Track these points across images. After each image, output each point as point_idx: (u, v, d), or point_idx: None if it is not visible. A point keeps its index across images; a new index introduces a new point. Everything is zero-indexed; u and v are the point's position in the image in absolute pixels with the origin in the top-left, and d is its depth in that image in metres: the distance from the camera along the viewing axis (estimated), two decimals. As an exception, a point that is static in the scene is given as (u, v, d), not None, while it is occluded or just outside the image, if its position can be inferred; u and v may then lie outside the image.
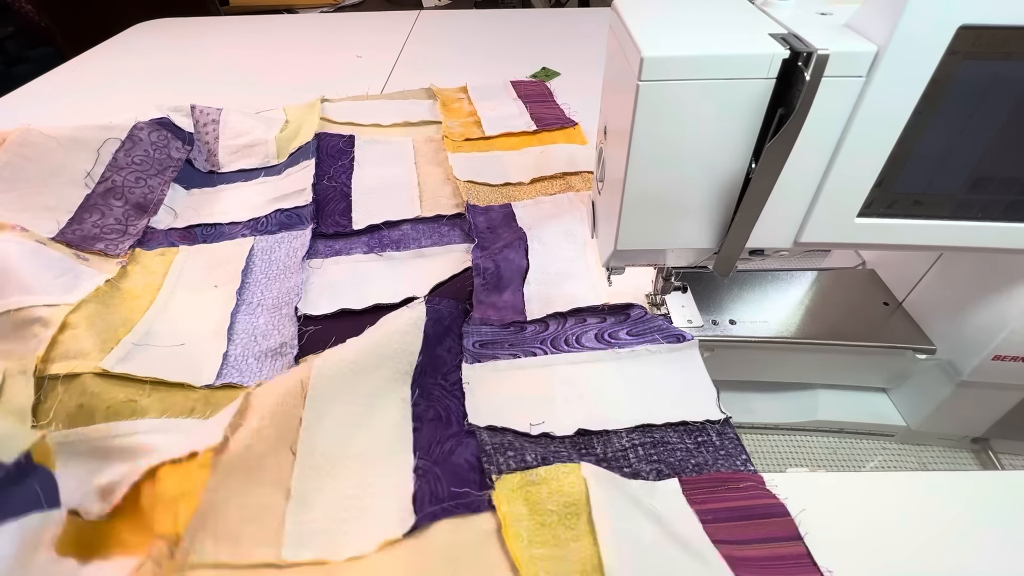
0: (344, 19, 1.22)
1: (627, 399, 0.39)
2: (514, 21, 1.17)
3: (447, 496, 0.32)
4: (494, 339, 0.43)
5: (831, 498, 0.34)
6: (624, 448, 0.36)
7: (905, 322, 0.46)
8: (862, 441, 0.49)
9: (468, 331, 0.43)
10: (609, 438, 0.37)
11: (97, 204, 0.53)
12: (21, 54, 1.74)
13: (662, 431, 0.37)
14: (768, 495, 0.33)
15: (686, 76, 0.28)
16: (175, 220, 0.57)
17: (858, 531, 0.32)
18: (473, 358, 0.42)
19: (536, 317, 0.45)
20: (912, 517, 0.32)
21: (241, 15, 1.27)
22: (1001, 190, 0.31)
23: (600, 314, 0.45)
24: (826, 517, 0.32)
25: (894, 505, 0.33)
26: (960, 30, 0.25)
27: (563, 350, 0.42)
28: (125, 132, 0.58)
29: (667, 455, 0.36)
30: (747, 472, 0.34)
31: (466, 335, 0.43)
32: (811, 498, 0.34)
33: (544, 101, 0.77)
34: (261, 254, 0.53)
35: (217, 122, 0.67)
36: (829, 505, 0.33)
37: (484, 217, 0.56)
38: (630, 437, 0.37)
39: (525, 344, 0.43)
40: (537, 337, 0.44)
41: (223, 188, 0.63)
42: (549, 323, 0.45)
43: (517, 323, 0.44)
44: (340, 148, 0.66)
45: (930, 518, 0.33)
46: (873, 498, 0.34)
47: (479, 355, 0.42)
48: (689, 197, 0.33)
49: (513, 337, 0.43)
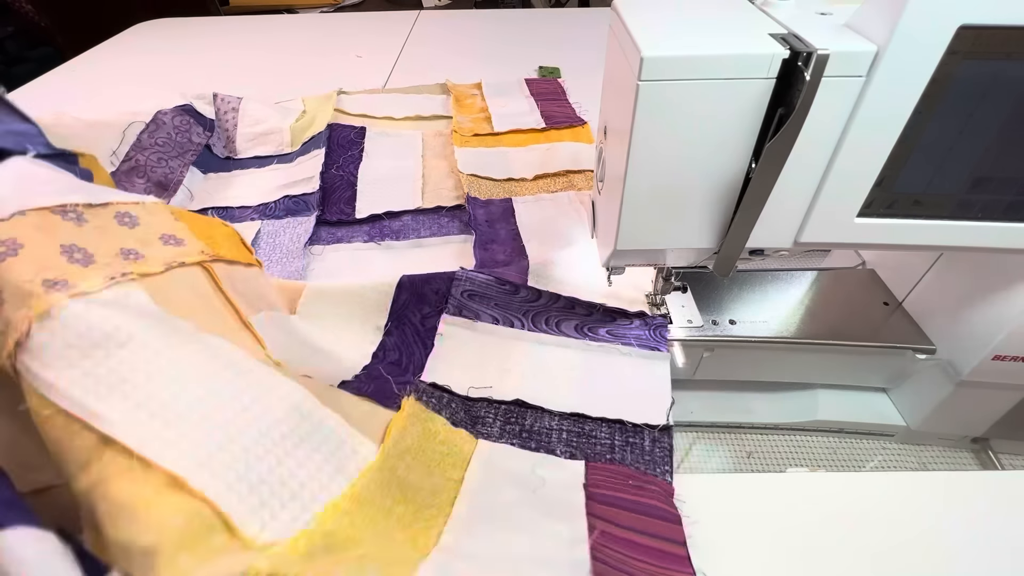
0: (344, 19, 1.22)
1: (575, 387, 0.40)
2: (514, 21, 1.17)
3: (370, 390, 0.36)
4: (484, 292, 0.43)
5: (831, 498, 0.34)
6: (550, 428, 0.37)
7: (905, 322, 0.46)
8: (862, 441, 0.49)
9: (460, 280, 0.43)
10: (541, 415, 0.38)
11: (121, 181, 0.56)
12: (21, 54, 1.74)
13: (594, 424, 0.38)
14: (667, 501, 0.32)
15: (686, 76, 0.28)
16: (191, 202, 0.59)
17: (858, 531, 0.32)
18: (456, 308, 0.42)
19: (536, 285, 0.45)
20: (912, 517, 0.33)
21: (241, 15, 1.27)
22: (1001, 190, 0.31)
23: (590, 309, 0.45)
24: (826, 517, 0.33)
25: (894, 505, 0.33)
26: (960, 30, 0.25)
27: (541, 329, 0.43)
28: (150, 117, 0.61)
29: (587, 447, 0.36)
30: (662, 480, 0.34)
31: (456, 284, 0.43)
32: (811, 498, 0.34)
33: (556, 99, 0.78)
34: (267, 238, 0.55)
35: (237, 110, 0.70)
36: (829, 505, 0.33)
37: (484, 210, 0.56)
38: (560, 421, 0.38)
39: (510, 309, 0.43)
40: (523, 307, 0.44)
41: (237, 173, 0.65)
42: (543, 294, 0.45)
43: (512, 284, 0.45)
44: (351, 139, 0.67)
45: (930, 518, 0.33)
46: (873, 498, 0.34)
47: (463, 306, 0.42)
48: (689, 197, 0.33)
49: (501, 297, 0.44)
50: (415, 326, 0.42)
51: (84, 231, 0.27)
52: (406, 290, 0.42)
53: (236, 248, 0.36)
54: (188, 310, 0.27)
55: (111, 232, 0.28)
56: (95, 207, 0.28)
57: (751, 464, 0.48)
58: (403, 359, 0.40)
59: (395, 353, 0.40)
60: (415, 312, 0.42)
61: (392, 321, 0.42)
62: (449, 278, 0.43)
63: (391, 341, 0.41)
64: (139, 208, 0.30)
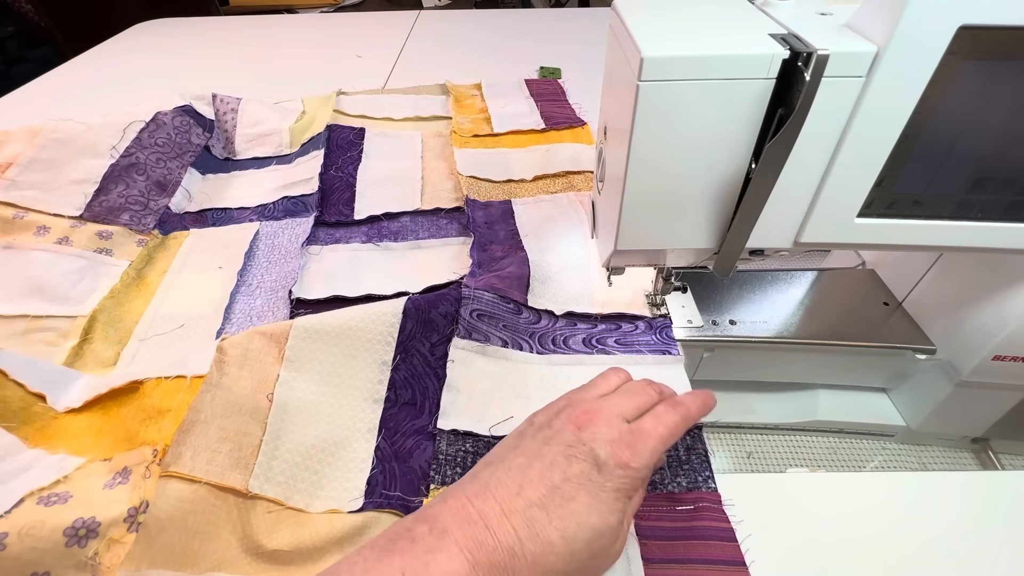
0: (344, 19, 1.22)
1: None
2: (514, 21, 1.17)
3: (395, 499, 0.33)
4: (492, 312, 0.43)
5: (831, 498, 0.34)
6: None
7: (905, 322, 0.46)
8: (862, 441, 0.49)
9: (468, 299, 0.42)
10: None
11: (121, 176, 0.56)
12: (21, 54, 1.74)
13: None
14: (719, 516, 0.32)
15: (686, 76, 0.28)
16: (189, 203, 0.60)
17: (858, 531, 0.32)
18: (466, 331, 0.41)
19: (534, 305, 0.45)
20: (912, 517, 0.32)
21: (241, 15, 1.27)
22: (1001, 190, 0.31)
23: (591, 321, 0.44)
24: (826, 517, 0.33)
25: (894, 505, 0.33)
26: (960, 30, 0.25)
27: (550, 349, 0.42)
28: (150, 117, 0.61)
29: None
30: (705, 491, 0.34)
31: (464, 304, 0.42)
32: (811, 498, 0.34)
33: (556, 100, 0.78)
34: (265, 239, 0.55)
35: (236, 111, 0.70)
36: (829, 505, 0.33)
37: (483, 212, 0.56)
38: None
39: (517, 331, 0.43)
40: (528, 328, 0.43)
41: (236, 174, 0.65)
42: (542, 316, 0.44)
43: (516, 303, 0.44)
44: (350, 140, 0.67)
45: (930, 518, 0.33)
46: (873, 498, 0.34)
47: (473, 328, 0.41)
48: (689, 197, 0.33)
49: (508, 318, 0.43)
50: (424, 356, 0.40)
51: None
52: (412, 318, 0.40)
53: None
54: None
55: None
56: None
57: (751, 464, 0.48)
58: (416, 396, 0.38)
59: (407, 391, 0.38)
60: (423, 341, 0.40)
61: (400, 354, 0.39)
62: (456, 298, 0.42)
63: (400, 377, 0.38)
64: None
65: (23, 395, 0.36)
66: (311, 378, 0.37)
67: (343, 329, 0.39)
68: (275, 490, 0.33)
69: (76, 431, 0.35)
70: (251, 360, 0.37)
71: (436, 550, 0.24)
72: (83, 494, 0.30)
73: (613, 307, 0.45)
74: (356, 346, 0.39)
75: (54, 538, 0.27)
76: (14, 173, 0.53)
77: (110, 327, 0.45)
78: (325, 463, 0.35)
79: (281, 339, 0.38)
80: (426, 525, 0.25)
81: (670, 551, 0.31)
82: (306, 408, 0.36)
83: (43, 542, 0.27)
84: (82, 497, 0.29)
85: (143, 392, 0.36)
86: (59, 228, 0.50)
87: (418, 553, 0.24)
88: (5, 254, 0.48)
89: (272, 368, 0.37)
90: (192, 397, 0.34)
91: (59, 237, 0.50)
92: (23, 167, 0.53)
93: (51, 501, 0.29)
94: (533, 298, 0.46)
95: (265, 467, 0.33)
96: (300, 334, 0.38)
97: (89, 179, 0.54)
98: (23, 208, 0.51)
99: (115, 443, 0.34)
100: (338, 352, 0.38)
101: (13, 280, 0.46)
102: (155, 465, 0.32)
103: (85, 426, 0.35)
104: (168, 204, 0.57)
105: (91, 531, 0.28)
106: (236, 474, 0.32)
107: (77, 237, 0.50)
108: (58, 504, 0.29)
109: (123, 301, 0.48)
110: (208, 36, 1.12)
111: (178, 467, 0.31)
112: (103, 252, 0.51)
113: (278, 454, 0.34)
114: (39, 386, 0.36)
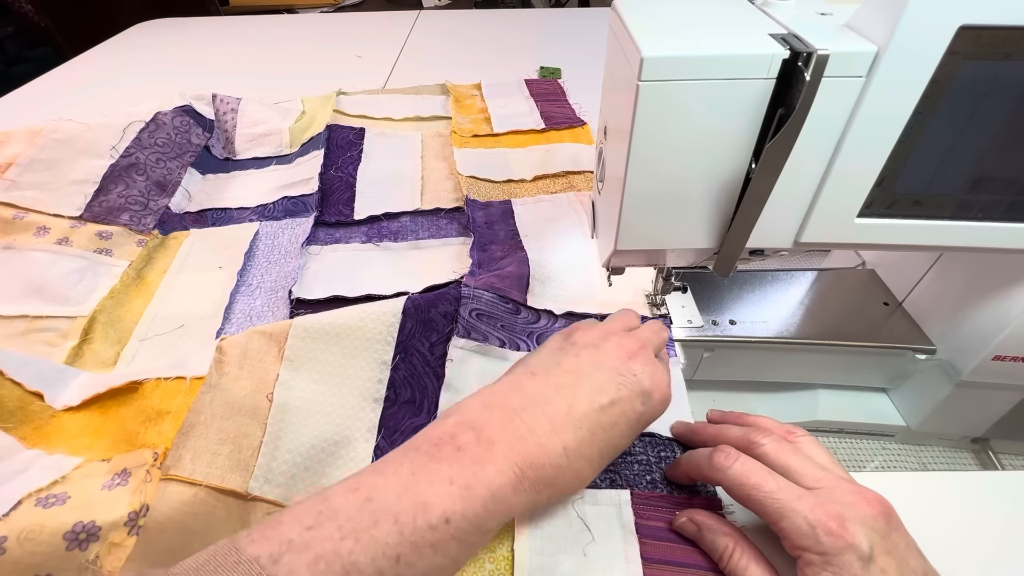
0: (344, 19, 1.22)
1: None
2: (514, 21, 1.17)
3: None
4: (490, 312, 0.43)
5: (831, 498, 0.33)
6: None
7: (905, 322, 0.46)
8: (862, 441, 0.49)
9: (467, 299, 0.42)
10: None
11: (121, 176, 0.56)
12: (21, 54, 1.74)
13: None
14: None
15: (686, 76, 0.28)
16: (189, 204, 0.60)
17: (858, 531, 0.32)
18: (465, 330, 0.41)
19: (534, 304, 0.45)
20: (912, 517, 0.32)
21: (241, 15, 1.27)
22: (1001, 190, 0.31)
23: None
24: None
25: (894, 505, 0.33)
26: (960, 30, 0.25)
27: None
28: (149, 117, 0.61)
29: (624, 467, 0.35)
30: (705, 496, 0.33)
31: (464, 303, 0.42)
32: (811, 498, 0.34)
33: (556, 100, 0.77)
34: (265, 239, 0.55)
35: (236, 111, 0.70)
36: (829, 505, 0.33)
37: (483, 212, 0.56)
38: None
39: (515, 331, 0.43)
40: (526, 328, 0.43)
41: (236, 175, 0.65)
42: (541, 316, 0.44)
43: (514, 302, 0.44)
44: (350, 140, 0.67)
45: (930, 518, 0.33)
46: (873, 498, 0.33)
47: (472, 327, 0.41)
48: (689, 197, 0.33)
49: (506, 317, 0.43)
50: (423, 355, 0.39)
51: None
52: (411, 317, 0.40)
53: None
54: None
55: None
56: None
57: (751, 464, 0.48)
58: (416, 395, 0.38)
59: (407, 391, 0.38)
60: (423, 340, 0.40)
61: (399, 353, 0.39)
62: (456, 298, 0.42)
63: (400, 376, 0.38)
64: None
65: (20, 394, 0.35)
66: (311, 377, 0.37)
67: (343, 328, 0.38)
68: (275, 491, 0.33)
69: (74, 430, 0.35)
70: (250, 360, 0.37)
71: (484, 461, 0.25)
72: (81, 495, 0.30)
73: (613, 307, 0.45)
74: (356, 345, 0.38)
75: (54, 542, 0.27)
76: (14, 173, 0.53)
77: (110, 327, 0.45)
78: (325, 463, 0.35)
79: (280, 338, 0.38)
80: (472, 434, 0.26)
81: (668, 553, 0.31)
82: (306, 408, 0.36)
83: (43, 546, 0.27)
84: (80, 498, 0.29)
85: (143, 393, 0.36)
86: (59, 228, 0.50)
87: (465, 463, 0.25)
88: (5, 254, 0.48)
89: (272, 368, 0.37)
90: (192, 399, 0.34)
91: (59, 237, 0.50)
92: (23, 167, 0.53)
93: (49, 503, 0.29)
94: (533, 298, 0.46)
95: (265, 468, 0.33)
96: (300, 333, 0.38)
97: (89, 179, 0.54)
98: (23, 208, 0.51)
99: (114, 443, 0.34)
100: (338, 351, 0.38)
101: (13, 280, 0.46)
102: (156, 468, 0.31)
103: (83, 425, 0.35)
104: (168, 204, 0.57)
105: (91, 535, 0.28)
106: (236, 476, 0.32)
107: (77, 237, 0.50)
108: (56, 506, 0.29)
109: (123, 301, 0.48)
110: (208, 36, 1.12)
111: (178, 470, 0.31)
112: (103, 252, 0.50)
113: (278, 455, 0.34)
114: (37, 384, 0.36)
